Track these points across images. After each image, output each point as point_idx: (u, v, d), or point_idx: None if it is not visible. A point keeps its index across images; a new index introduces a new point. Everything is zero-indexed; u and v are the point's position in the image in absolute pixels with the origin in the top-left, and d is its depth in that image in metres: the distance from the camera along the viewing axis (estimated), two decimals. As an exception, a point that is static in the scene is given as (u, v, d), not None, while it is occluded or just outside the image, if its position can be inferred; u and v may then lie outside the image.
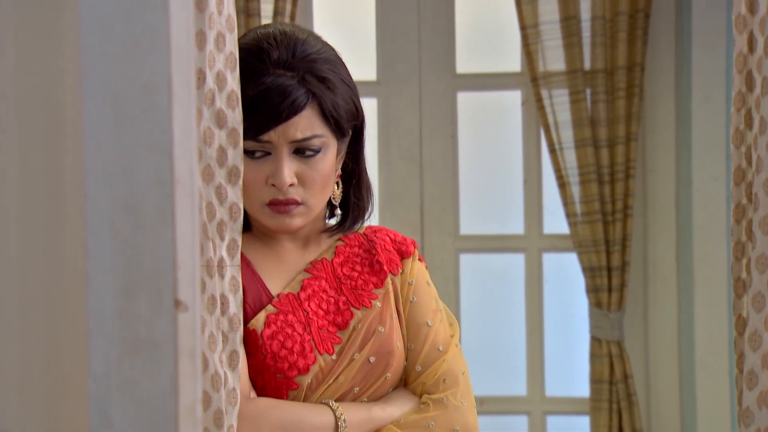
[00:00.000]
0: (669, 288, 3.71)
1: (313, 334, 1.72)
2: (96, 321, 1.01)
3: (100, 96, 1.02)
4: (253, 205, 1.73)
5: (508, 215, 3.88)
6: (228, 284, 1.48)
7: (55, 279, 1.16)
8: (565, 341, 3.89)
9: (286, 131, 1.68)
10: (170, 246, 1.01)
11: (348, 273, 1.80)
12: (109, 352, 1.01)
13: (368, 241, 1.84)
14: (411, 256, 1.87)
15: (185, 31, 1.05)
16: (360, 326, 1.75)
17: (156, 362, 1.01)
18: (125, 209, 1.02)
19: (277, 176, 1.69)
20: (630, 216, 3.61)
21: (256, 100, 1.65)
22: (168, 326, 1.01)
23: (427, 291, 1.86)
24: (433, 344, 1.81)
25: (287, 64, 1.68)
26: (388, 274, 1.82)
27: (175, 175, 1.01)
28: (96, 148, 1.02)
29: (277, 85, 1.66)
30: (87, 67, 1.03)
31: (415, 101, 3.83)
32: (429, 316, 1.82)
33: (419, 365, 1.80)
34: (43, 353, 1.15)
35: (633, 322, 3.74)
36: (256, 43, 1.70)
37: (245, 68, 1.62)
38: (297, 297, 1.74)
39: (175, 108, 1.02)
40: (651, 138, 3.71)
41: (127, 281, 1.01)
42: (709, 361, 3.54)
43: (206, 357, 1.42)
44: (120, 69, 1.02)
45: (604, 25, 3.59)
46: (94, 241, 1.02)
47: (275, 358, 1.68)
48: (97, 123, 1.02)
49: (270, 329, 1.70)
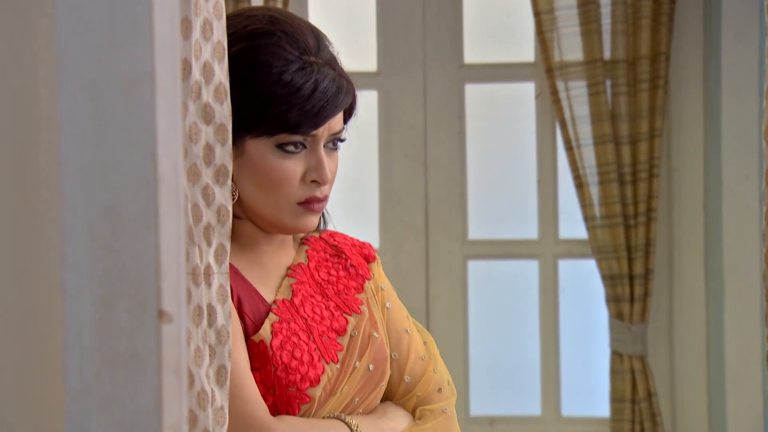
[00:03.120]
0: (696, 298, 3.72)
1: (317, 342, 1.73)
2: (73, 333, 1.02)
3: (76, 89, 1.03)
4: (279, 205, 1.73)
5: (520, 219, 3.89)
6: (215, 293, 1.49)
7: (27, 288, 1.16)
8: (582, 356, 3.90)
9: (331, 124, 1.72)
10: (153, 252, 1.02)
11: (326, 277, 1.83)
12: (87, 367, 1.02)
13: (330, 246, 1.87)
14: (375, 260, 1.91)
15: (169, 19, 1.05)
16: (356, 333, 1.78)
17: (138, 378, 1.01)
18: (104, 212, 1.02)
19: (320, 171, 1.71)
20: (654, 219, 3.62)
21: (309, 93, 1.67)
22: (151, 339, 1.02)
23: (397, 297, 1.91)
24: (416, 353, 1.85)
25: (318, 53, 1.71)
26: (365, 279, 1.85)
27: (159, 174, 1.02)
28: (72, 145, 1.02)
29: (327, 77, 1.69)
30: (63, 57, 1.03)
31: (419, 94, 3.84)
32: (406, 323, 1.88)
33: (407, 375, 1.84)
34: (16, 369, 1.15)
35: (657, 335, 3.75)
36: (279, 26, 1.70)
37: (276, 55, 1.66)
38: (292, 303, 1.76)
39: (159, 102, 1.02)
40: (677, 134, 3.72)
41: (107, 290, 1.02)
42: (741, 378, 3.54)
43: (192, 372, 1.42)
44: (99, 59, 1.03)
45: (626, 11, 3.60)
46: (71, 246, 1.02)
47: (287, 370, 1.69)
48: (74, 118, 1.03)
49: (277, 339, 1.70)
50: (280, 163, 1.69)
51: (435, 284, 3.83)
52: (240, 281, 1.73)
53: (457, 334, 3.84)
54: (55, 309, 1.08)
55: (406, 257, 3.80)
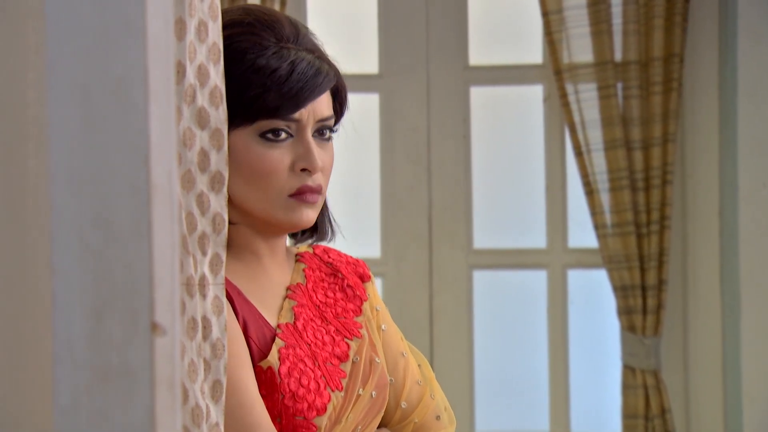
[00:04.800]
0: (712, 309, 3.72)
1: (322, 369, 1.73)
2: (63, 346, 1.02)
3: (66, 92, 1.03)
4: (270, 199, 1.72)
5: (528, 227, 3.89)
6: (211, 305, 1.49)
7: (15, 299, 1.16)
8: (593, 371, 3.90)
9: (315, 108, 1.71)
10: (146, 262, 1.02)
11: (324, 300, 1.82)
12: (77, 382, 1.02)
13: (325, 264, 1.87)
14: (370, 280, 1.91)
15: (163, 19, 1.06)
16: (358, 358, 1.77)
17: (130, 393, 1.02)
18: (95, 220, 1.03)
19: (308, 157, 1.71)
20: (667, 228, 3.62)
21: (285, 74, 1.67)
22: (144, 352, 1.02)
23: (391, 318, 1.90)
24: (413, 377, 1.85)
25: (296, 41, 1.72)
26: (362, 301, 1.85)
27: (152, 181, 1.02)
28: (62, 151, 1.03)
29: (304, 59, 1.70)
30: (52, 59, 1.03)
31: (422, 97, 3.85)
32: (401, 345, 1.87)
33: (404, 401, 1.84)
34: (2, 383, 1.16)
35: (671, 348, 3.75)
36: (256, 17, 1.72)
37: (251, 42, 1.67)
38: (296, 327, 1.75)
39: (152, 106, 1.03)
40: (691, 139, 3.73)
41: (98, 301, 1.02)
42: (758, 394, 3.55)
43: (186, 387, 1.42)
44: (89, 61, 1.03)
45: (638, 11, 3.61)
46: (61, 256, 1.03)
47: (294, 398, 1.68)
48: (64, 122, 1.03)
49: (285, 366, 1.69)
50: (265, 152, 1.69)
51: (439, 295, 3.84)
52: (244, 303, 1.72)
53: (462, 347, 3.84)
54: (44, 321, 1.08)
55: (409, 267, 3.80)
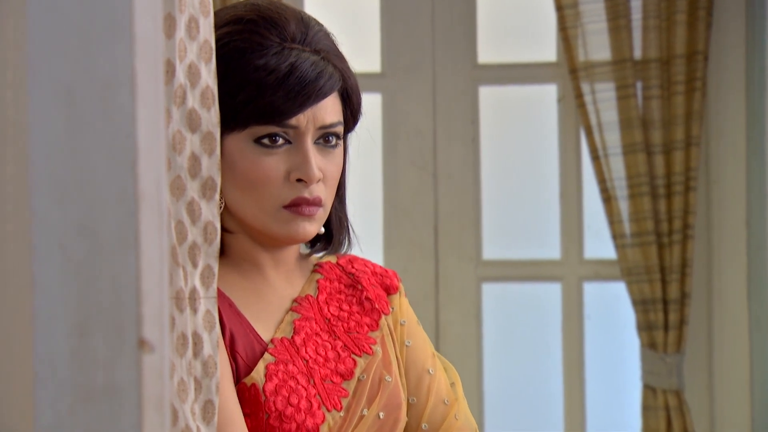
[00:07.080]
0: (738, 325, 3.72)
1: (318, 387, 1.72)
2: (44, 365, 1.02)
3: (48, 93, 1.03)
4: (263, 209, 1.71)
5: (540, 236, 3.89)
6: (202, 320, 1.49)
7: (-7, 314, 1.17)
8: (611, 390, 3.90)
9: (316, 114, 1.70)
10: (133, 274, 1.02)
11: (336, 313, 1.81)
12: (60, 402, 1.02)
13: (347, 274, 1.86)
14: (397, 292, 1.90)
15: (151, 16, 1.06)
16: (365, 376, 1.76)
17: (116, 413, 1.02)
18: (79, 230, 1.03)
19: (304, 168, 1.69)
20: (690, 237, 3.62)
21: (283, 76, 1.67)
22: (130, 370, 1.02)
23: (421, 333, 1.89)
24: (437, 396, 1.84)
25: (303, 41, 1.71)
26: (381, 315, 1.84)
27: (140, 189, 1.02)
28: (44, 156, 1.03)
29: (306, 60, 1.69)
30: (33, 58, 1.04)
31: (427, 97, 3.85)
32: (428, 362, 1.86)
33: (425, 423, 1.83)
34: (-20, 403, 1.16)
35: (695, 367, 3.75)
36: (260, 12, 1.71)
37: (251, 41, 1.66)
38: (292, 342, 1.74)
39: (140, 108, 1.03)
40: (716, 142, 3.73)
41: (82, 317, 1.02)
42: (788, 415, 3.55)
43: (175, 408, 1.42)
44: (73, 60, 1.03)
45: (659, 5, 3.61)
46: (42, 268, 1.03)
47: (281, 418, 1.67)
48: (46, 125, 1.03)
49: (272, 383, 1.68)
50: (259, 159, 1.69)
51: (446, 309, 3.84)
52: (234, 316, 1.72)
53: (471, 365, 3.84)
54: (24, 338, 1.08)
55: (414, 279, 3.80)
